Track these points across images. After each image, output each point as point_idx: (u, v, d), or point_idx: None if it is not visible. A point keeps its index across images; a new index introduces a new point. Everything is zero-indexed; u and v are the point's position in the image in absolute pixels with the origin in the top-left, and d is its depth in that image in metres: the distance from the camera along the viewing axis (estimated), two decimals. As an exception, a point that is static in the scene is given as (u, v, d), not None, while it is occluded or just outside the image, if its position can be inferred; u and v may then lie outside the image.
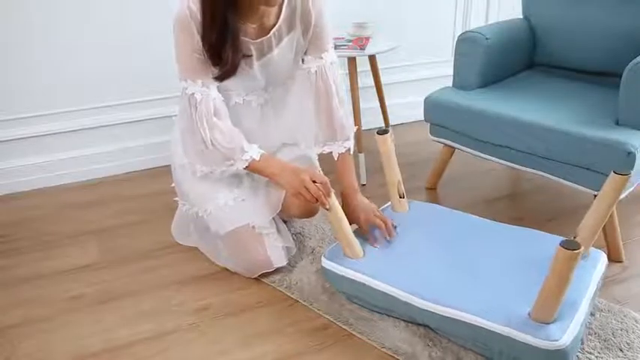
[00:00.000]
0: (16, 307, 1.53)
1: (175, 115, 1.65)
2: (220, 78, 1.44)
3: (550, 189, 2.10)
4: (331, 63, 1.58)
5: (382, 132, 1.59)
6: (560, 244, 1.11)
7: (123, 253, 1.76)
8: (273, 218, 1.60)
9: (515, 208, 2.00)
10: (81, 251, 1.77)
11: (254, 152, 1.49)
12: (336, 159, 1.64)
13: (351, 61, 2.11)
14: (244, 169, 1.51)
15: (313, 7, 1.49)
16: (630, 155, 1.49)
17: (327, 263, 1.48)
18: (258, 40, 1.47)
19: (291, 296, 1.53)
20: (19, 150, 2.14)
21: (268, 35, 1.47)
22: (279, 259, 1.58)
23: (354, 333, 1.40)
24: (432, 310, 1.30)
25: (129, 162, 2.29)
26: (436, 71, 2.67)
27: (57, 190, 2.18)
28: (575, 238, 1.42)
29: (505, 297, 1.28)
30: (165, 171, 1.73)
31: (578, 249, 1.10)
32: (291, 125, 1.68)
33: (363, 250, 1.48)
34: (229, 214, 1.57)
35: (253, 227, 1.55)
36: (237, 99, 1.56)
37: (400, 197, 1.64)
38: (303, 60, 1.58)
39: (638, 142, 1.51)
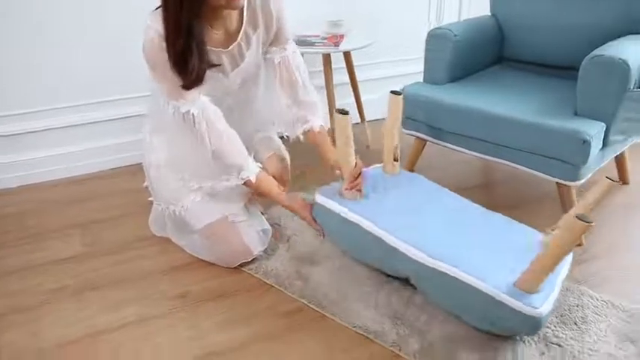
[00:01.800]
0: (1, 297, 1.58)
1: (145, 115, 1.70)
2: (186, 87, 1.42)
3: (518, 178, 2.19)
4: (294, 52, 1.65)
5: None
6: (576, 216, 1.17)
7: (106, 245, 1.81)
8: (246, 206, 1.67)
9: (485, 196, 2.09)
10: (65, 244, 1.83)
11: (251, 171, 1.55)
12: (316, 132, 1.68)
13: (326, 57, 2.18)
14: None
15: (273, 4, 1.54)
16: (585, 143, 1.58)
17: (320, 199, 1.54)
18: (230, 47, 1.51)
19: (267, 282, 1.60)
20: (3, 147, 2.19)
21: (237, 41, 1.52)
22: (257, 245, 1.65)
23: (326, 315, 1.47)
24: (422, 262, 1.36)
25: (111, 159, 2.35)
26: (411, 68, 2.74)
27: (42, 187, 2.23)
28: (553, 230, 1.48)
29: (492, 264, 1.35)
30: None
31: (592, 222, 1.16)
32: (263, 114, 1.75)
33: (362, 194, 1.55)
34: (204, 208, 1.63)
35: (227, 217, 1.62)
36: (212, 99, 1.58)
37: (395, 160, 1.71)
38: (266, 51, 1.63)
39: (593, 131, 1.60)
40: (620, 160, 2.11)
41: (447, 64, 2.00)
